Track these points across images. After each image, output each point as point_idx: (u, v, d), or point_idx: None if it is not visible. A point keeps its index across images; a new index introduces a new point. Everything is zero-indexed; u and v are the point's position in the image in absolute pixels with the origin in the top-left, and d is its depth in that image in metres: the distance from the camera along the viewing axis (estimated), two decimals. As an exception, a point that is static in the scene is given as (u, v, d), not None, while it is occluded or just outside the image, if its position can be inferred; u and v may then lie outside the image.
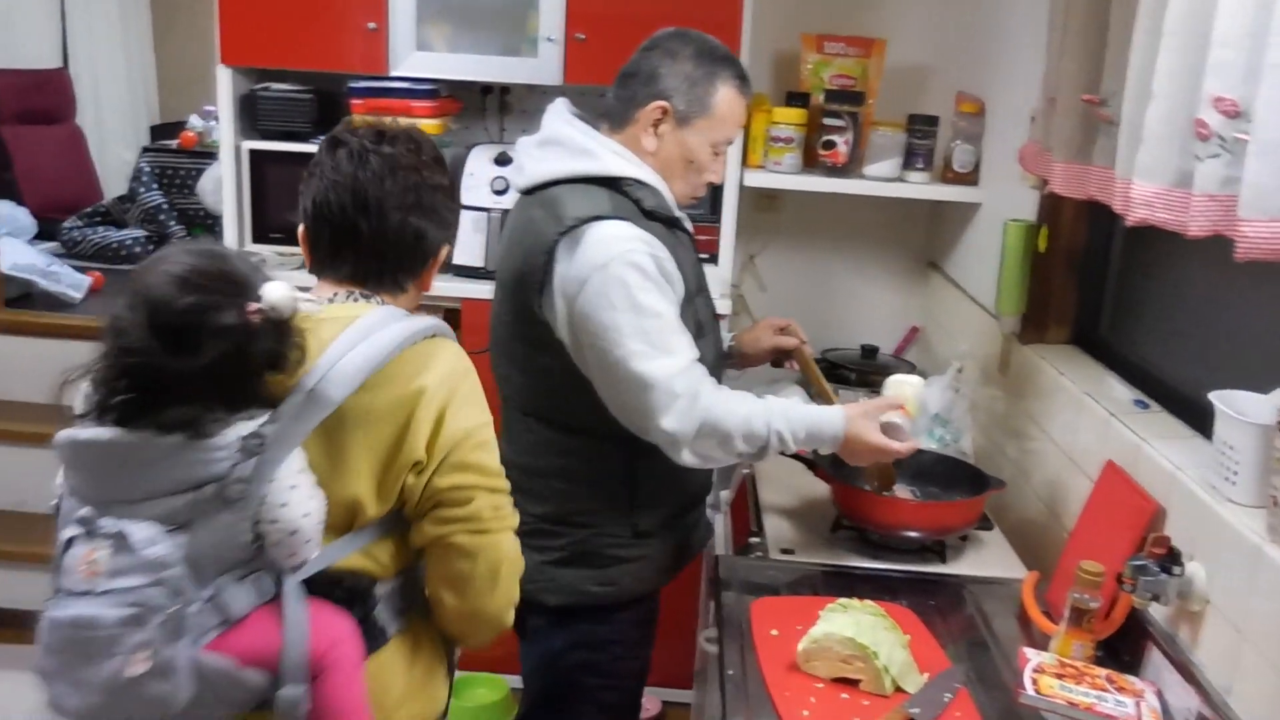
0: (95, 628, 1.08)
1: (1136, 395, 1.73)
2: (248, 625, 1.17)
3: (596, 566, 1.72)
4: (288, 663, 1.16)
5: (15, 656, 2.85)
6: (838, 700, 1.38)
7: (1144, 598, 1.35)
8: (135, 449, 1.12)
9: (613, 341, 1.53)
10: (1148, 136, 1.41)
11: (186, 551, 1.12)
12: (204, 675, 1.13)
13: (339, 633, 1.21)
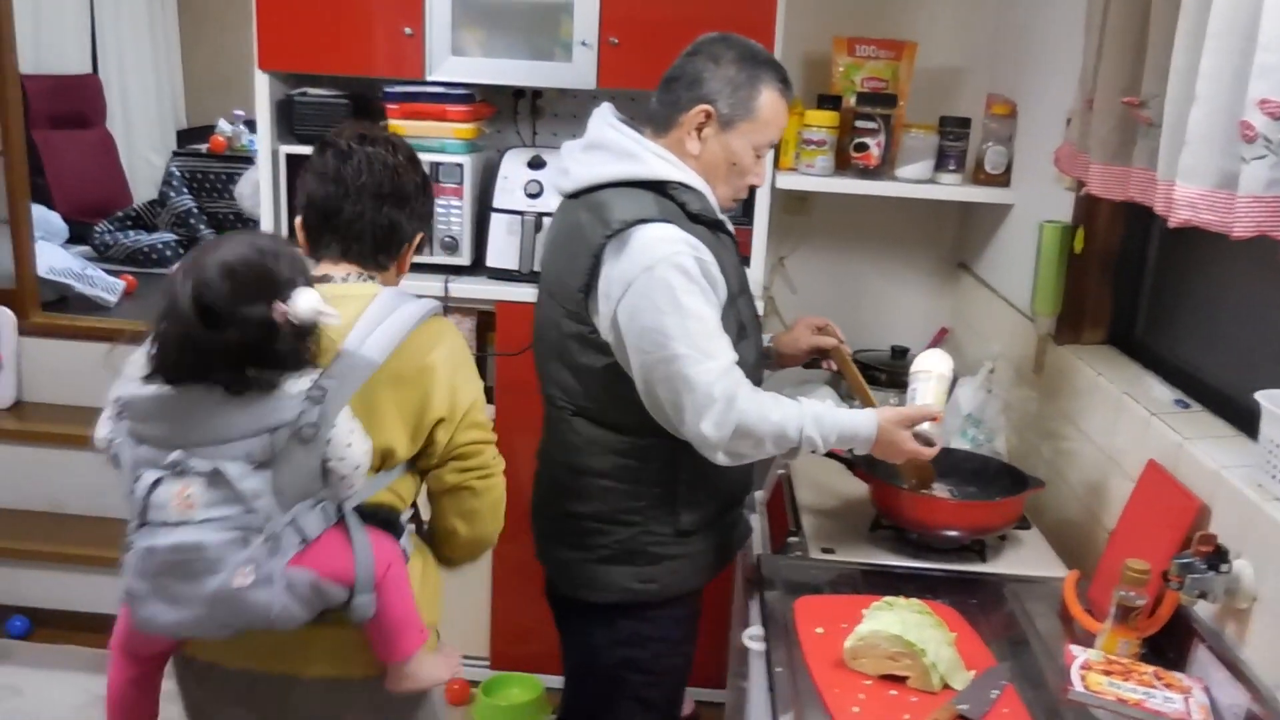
0: (201, 550, 1.27)
1: (1176, 395, 1.74)
2: (320, 545, 1.36)
3: (640, 564, 1.74)
4: (361, 574, 1.39)
5: (57, 656, 2.91)
6: (886, 697, 1.40)
7: (1191, 595, 1.37)
8: (220, 401, 1.30)
9: (655, 343, 1.55)
10: (1191, 138, 1.42)
11: (274, 485, 1.31)
12: (293, 586, 1.33)
13: (393, 552, 1.44)
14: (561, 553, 1.81)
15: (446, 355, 1.49)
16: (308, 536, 1.35)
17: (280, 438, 1.30)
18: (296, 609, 1.35)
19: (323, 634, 1.44)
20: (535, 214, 2.54)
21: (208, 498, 1.29)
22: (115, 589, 3.08)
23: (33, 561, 3.02)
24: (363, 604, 1.40)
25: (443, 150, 2.55)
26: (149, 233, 4.17)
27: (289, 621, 1.36)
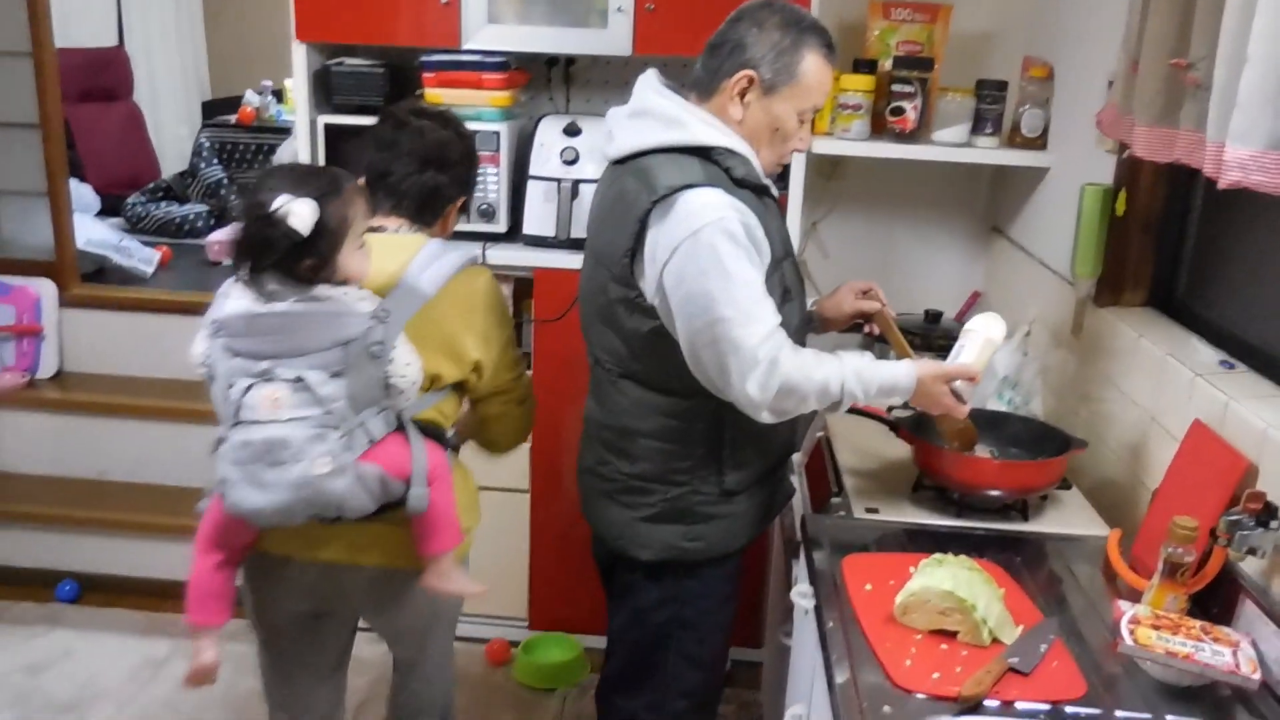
0: (287, 443, 1.51)
1: (1221, 356, 1.76)
2: (384, 445, 1.61)
3: (687, 523, 1.78)
4: (417, 470, 1.62)
5: (106, 619, 2.98)
6: (938, 651, 1.43)
7: (1239, 552, 1.39)
8: (303, 316, 1.55)
9: (701, 307, 1.58)
10: (1243, 100, 1.42)
11: (347, 391, 1.54)
12: (362, 478, 1.57)
13: (440, 456, 1.68)
14: (609, 512, 1.84)
15: (484, 298, 1.75)
16: (374, 437, 1.59)
17: (351, 351, 1.54)
18: (364, 498, 1.59)
19: (378, 530, 1.68)
20: (571, 181, 2.56)
21: (293, 400, 1.52)
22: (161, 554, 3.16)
23: (80, 528, 3.08)
24: (418, 496, 1.62)
25: (479, 118, 2.56)
26: (180, 204, 4.20)
27: (357, 510, 1.60)
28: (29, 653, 2.84)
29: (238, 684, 2.74)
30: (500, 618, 2.92)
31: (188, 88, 5.29)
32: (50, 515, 3.08)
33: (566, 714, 2.68)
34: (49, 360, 3.22)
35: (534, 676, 2.78)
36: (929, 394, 1.69)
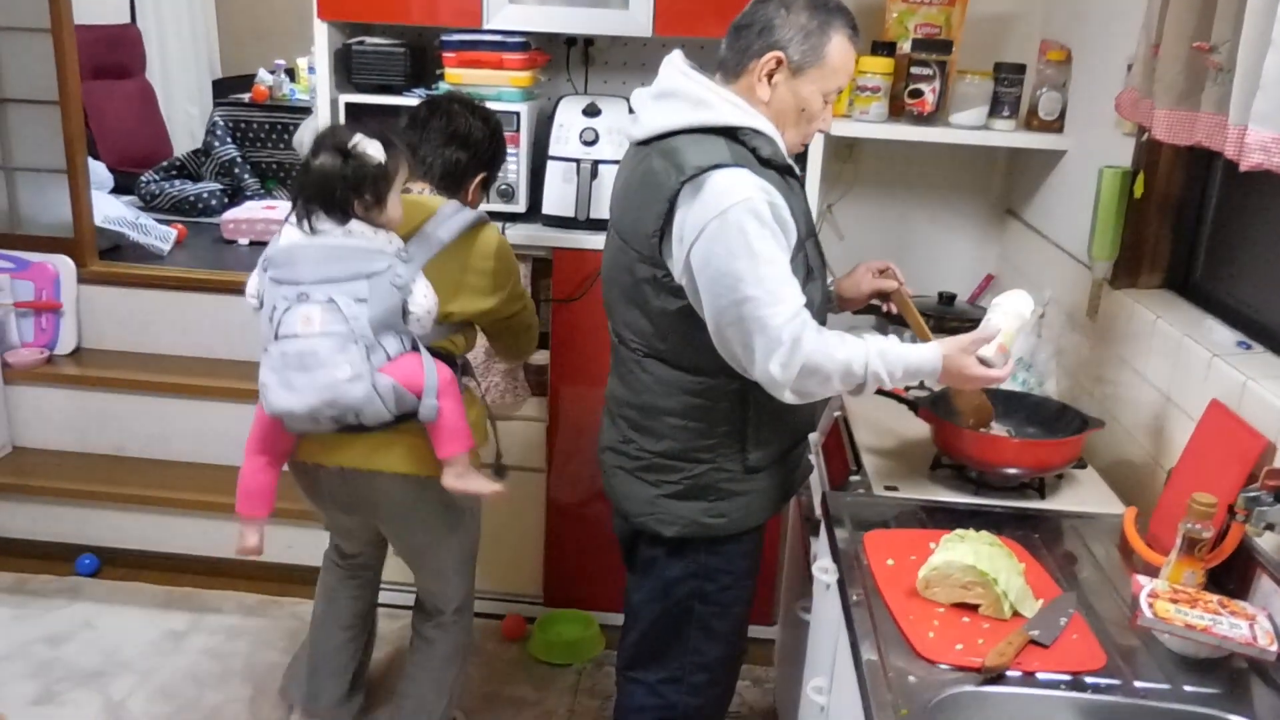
0: (316, 354, 1.82)
1: (1239, 337, 1.78)
2: (399, 362, 1.89)
3: (710, 499, 1.81)
4: (429, 383, 1.91)
5: (126, 593, 3.02)
6: (960, 624, 1.46)
7: (1257, 528, 1.42)
8: (339, 249, 1.86)
9: (728, 286, 1.60)
10: (1266, 83, 1.44)
11: (369, 314, 1.83)
12: (378, 386, 1.85)
13: (450, 373, 1.96)
14: (633, 488, 1.87)
15: (493, 249, 2.05)
16: (390, 354, 1.87)
17: (376, 283, 1.84)
18: (380, 405, 1.86)
19: (399, 439, 1.96)
20: (591, 161, 2.58)
21: (323, 319, 1.83)
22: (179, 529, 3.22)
23: (99, 502, 3.12)
24: (430, 406, 1.90)
25: (499, 99, 2.58)
26: (194, 182, 4.21)
27: (374, 416, 1.87)
28: (49, 624, 2.88)
29: (258, 657, 2.78)
30: (516, 595, 2.95)
31: (198, 66, 5.30)
32: (69, 490, 3.12)
33: (581, 688, 2.72)
34: (68, 336, 3.25)
35: (549, 652, 2.82)
36: (958, 368, 1.70)
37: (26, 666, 2.70)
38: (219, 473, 3.14)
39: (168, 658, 2.76)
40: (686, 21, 2.49)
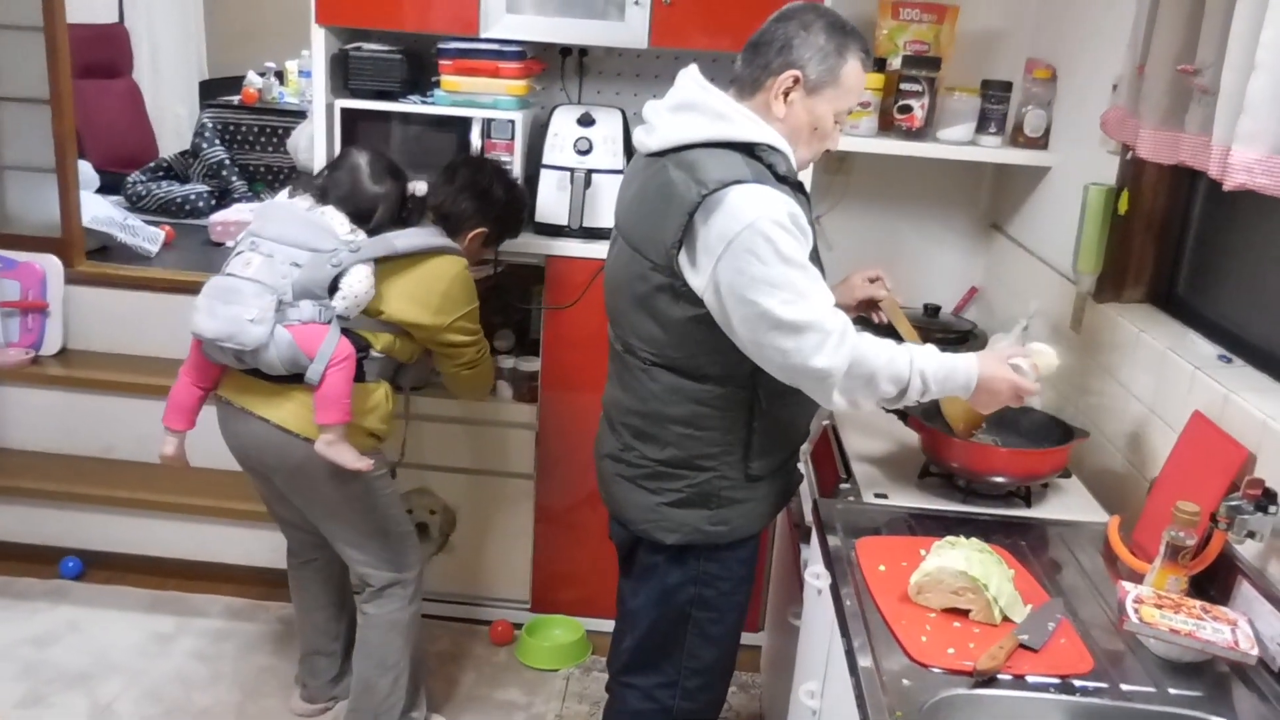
0: (239, 290, 2.08)
1: (1219, 350, 1.83)
2: (307, 327, 2.10)
3: (711, 507, 1.83)
4: (322, 351, 2.11)
5: (111, 595, 3.01)
6: (951, 628, 1.50)
7: (1239, 535, 1.46)
8: (300, 219, 2.15)
9: (763, 293, 1.60)
10: (1249, 105, 1.49)
11: (296, 278, 2.09)
12: (277, 337, 2.08)
13: (346, 352, 2.14)
14: (632, 496, 1.88)
15: (448, 275, 2.25)
16: (302, 318, 2.10)
17: (316, 257, 2.10)
18: (273, 354, 2.08)
19: (292, 397, 2.16)
20: (585, 170, 2.61)
21: (259, 267, 2.10)
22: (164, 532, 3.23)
23: (84, 505, 3.10)
24: (315, 371, 2.10)
25: (495, 106, 2.61)
26: (182, 183, 4.20)
27: (267, 362, 2.09)
28: (35, 626, 2.87)
29: (246, 660, 2.79)
30: (504, 600, 2.97)
31: (187, 67, 5.28)
32: (54, 492, 3.10)
33: (570, 693, 2.74)
34: (54, 337, 3.23)
35: (537, 657, 2.83)
36: (992, 373, 1.71)
37: (12, 669, 2.68)
38: (205, 476, 3.10)
39: (155, 660, 2.76)
40: (682, 34, 2.52)
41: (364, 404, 2.21)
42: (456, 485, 2.89)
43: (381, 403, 2.26)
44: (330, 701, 2.58)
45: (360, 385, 2.20)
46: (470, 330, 2.34)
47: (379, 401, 2.26)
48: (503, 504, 2.90)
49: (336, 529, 2.32)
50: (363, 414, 2.21)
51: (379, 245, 2.18)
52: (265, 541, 3.08)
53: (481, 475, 2.89)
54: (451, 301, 2.26)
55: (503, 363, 2.84)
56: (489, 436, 2.84)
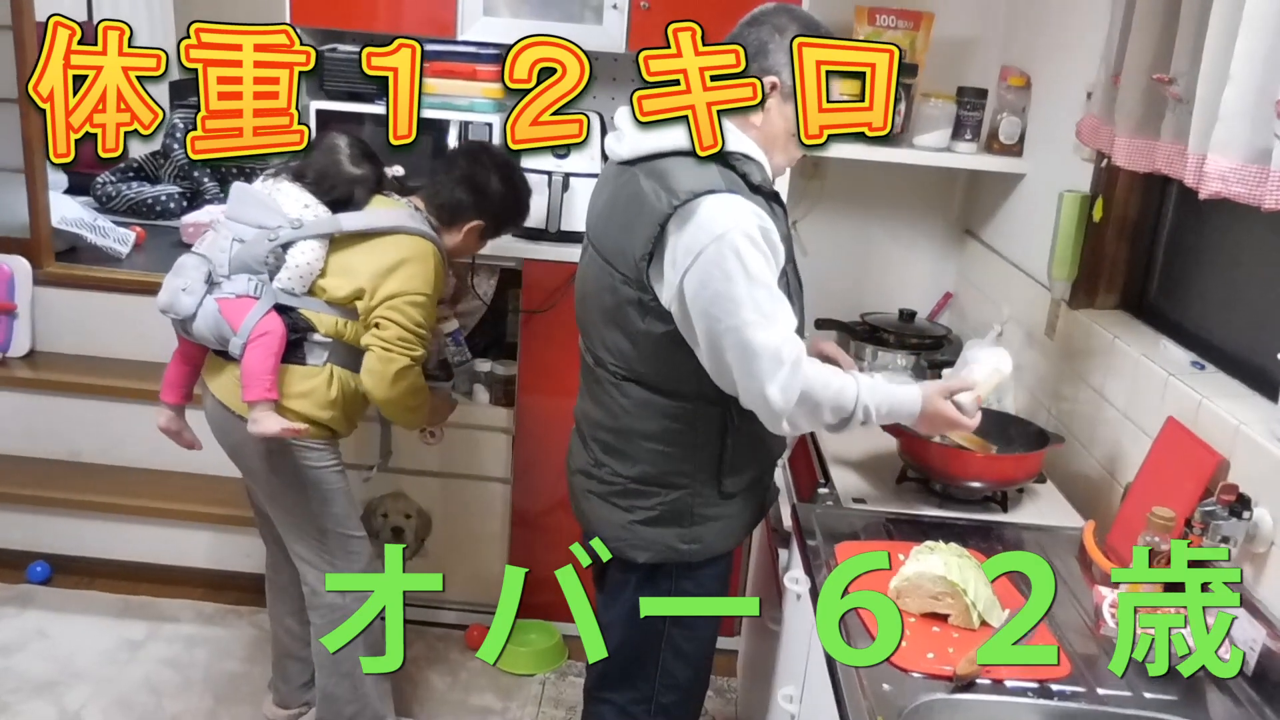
0: (185, 265, 2.14)
1: (1193, 357, 1.85)
2: (236, 301, 2.11)
3: (684, 525, 1.80)
4: (245, 325, 2.10)
5: (80, 600, 2.96)
6: (930, 633, 1.50)
7: (1214, 541, 1.48)
8: (255, 198, 2.17)
9: (726, 310, 1.58)
10: (1225, 115, 1.50)
11: (234, 253, 2.12)
12: (205, 308, 2.11)
13: (269, 326, 2.11)
14: (604, 513, 1.85)
15: (402, 255, 2.15)
16: (235, 291, 2.11)
17: (259, 234, 2.12)
18: (202, 324, 2.12)
19: (230, 370, 2.16)
20: (562, 174, 2.60)
21: (208, 242, 2.17)
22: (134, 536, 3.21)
23: (52, 509, 3.05)
24: (236, 345, 2.11)
25: (471, 109, 2.59)
26: (152, 184, 4.15)
27: (197, 333, 2.14)
28: (0, 633, 2.82)
29: (218, 666, 2.75)
30: (480, 605, 2.95)
31: (155, 67, 5.21)
32: (21, 495, 3.05)
33: (546, 698, 2.73)
34: (21, 339, 3.18)
35: (513, 662, 2.82)
36: (934, 409, 1.73)
37: (-24, 676, 2.64)
38: (175, 479, 3.09)
39: (124, 667, 2.72)
40: (660, 38, 2.51)
41: (295, 386, 2.14)
42: (432, 489, 2.87)
43: (320, 389, 2.16)
44: (303, 707, 2.55)
45: (298, 367, 2.15)
46: (411, 318, 2.14)
47: (316, 387, 2.16)
48: (478, 508, 2.89)
49: (279, 516, 2.28)
50: (292, 396, 2.14)
51: (326, 223, 2.14)
52: (237, 546, 3.05)
53: (457, 479, 2.87)
54: (397, 278, 2.14)
55: (479, 366, 2.83)
56: (465, 440, 2.82)
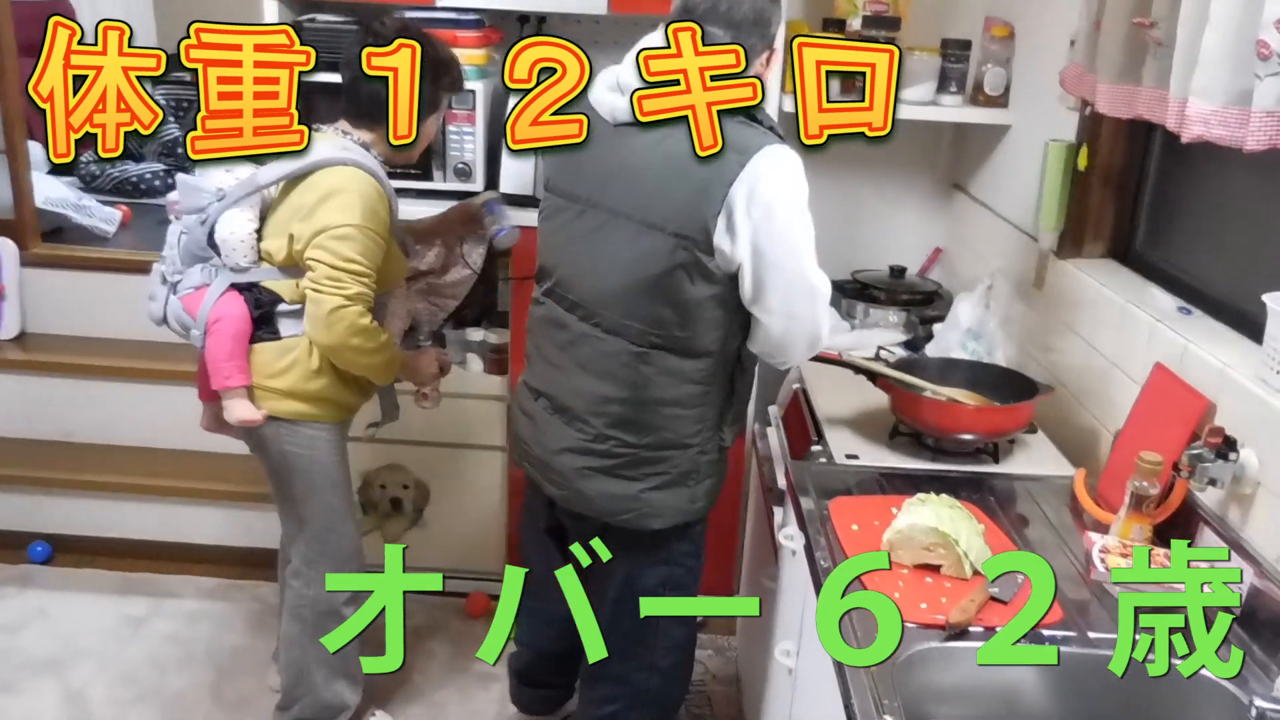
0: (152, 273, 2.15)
1: (1179, 303, 1.86)
2: (195, 294, 2.06)
3: (689, 485, 1.84)
4: (201, 312, 2.05)
5: (80, 579, 2.97)
6: (923, 584, 1.52)
7: (1201, 483, 1.49)
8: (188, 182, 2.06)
9: (795, 256, 1.69)
10: (1204, 59, 1.50)
11: (182, 246, 2.07)
12: (171, 308, 2.10)
13: (223, 312, 2.04)
14: (609, 487, 1.83)
15: (322, 191, 1.96)
16: (193, 284, 2.06)
17: (196, 219, 2.04)
18: (173, 324, 2.11)
19: None
20: (547, 139, 2.58)
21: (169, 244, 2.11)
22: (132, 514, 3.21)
23: (48, 489, 3.06)
24: (195, 336, 2.07)
25: (454, 76, 2.57)
26: (136, 163, 4.12)
27: (178, 333, 2.11)
28: (2, 612, 2.83)
29: (220, 641, 2.77)
30: (479, 573, 2.97)
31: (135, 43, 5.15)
32: (17, 476, 3.05)
33: (547, 661, 2.75)
34: (11, 321, 3.16)
35: (513, 626, 2.84)
36: None
37: (-19, 657, 2.66)
38: (169, 456, 3.10)
39: (127, 644, 2.74)
40: (641, 1, 2.50)
41: (275, 364, 2.05)
42: (428, 459, 2.88)
43: (301, 360, 2.05)
44: None
45: (272, 343, 2.06)
46: (337, 253, 1.93)
47: (297, 359, 2.05)
48: (475, 477, 2.90)
49: (273, 490, 2.23)
50: (274, 374, 2.06)
51: (244, 185, 2.01)
52: (236, 521, 3.06)
53: (453, 449, 2.88)
54: (319, 215, 1.95)
55: (471, 335, 2.82)
56: (459, 409, 2.82)
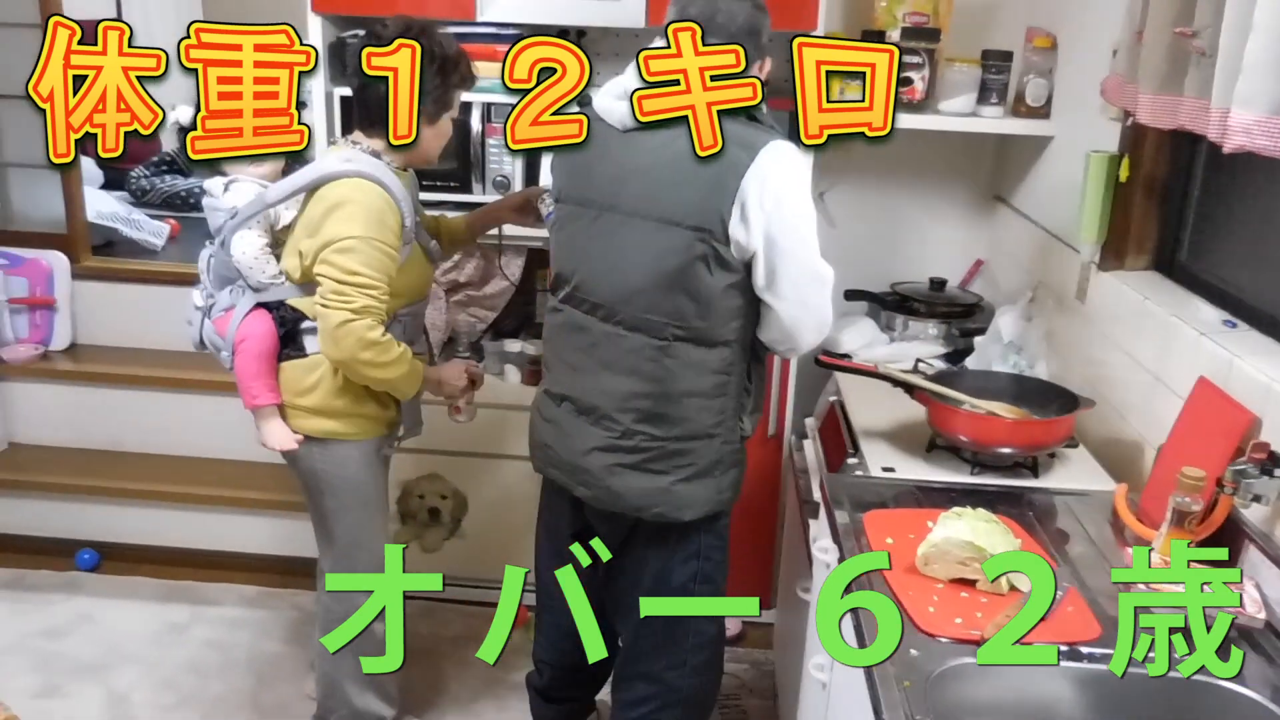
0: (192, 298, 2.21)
1: (1224, 316, 1.82)
2: (225, 315, 2.10)
3: (717, 475, 1.87)
4: (227, 335, 2.08)
5: (126, 586, 3.03)
6: (958, 598, 1.50)
7: (1245, 499, 1.46)
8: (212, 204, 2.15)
9: (804, 244, 1.76)
10: (1248, 67, 1.48)
11: (212, 270, 2.14)
12: (206, 334, 2.15)
13: (248, 331, 2.06)
14: (639, 482, 1.85)
15: (327, 204, 1.94)
16: (224, 306, 2.11)
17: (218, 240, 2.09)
18: (211, 348, 2.15)
19: None
20: (584, 152, 2.59)
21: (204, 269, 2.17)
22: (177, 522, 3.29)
23: (97, 497, 3.13)
24: (224, 357, 2.11)
25: (493, 90, 2.59)
26: (185, 176, 4.21)
27: (215, 357, 2.15)
28: (49, 618, 2.89)
29: (260, 647, 2.81)
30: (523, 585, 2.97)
31: (185, 60, 5.26)
32: (67, 485, 3.13)
33: (582, 672, 2.75)
34: (62, 332, 3.25)
35: (549, 637, 2.84)
36: None
37: (28, 660, 2.71)
38: (213, 466, 3.16)
39: (169, 650, 2.78)
40: (678, 12, 2.50)
41: (301, 382, 2.05)
42: (467, 469, 2.90)
43: (327, 376, 2.04)
44: None
45: (299, 360, 2.06)
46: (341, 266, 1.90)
47: (323, 376, 2.04)
48: (513, 487, 2.91)
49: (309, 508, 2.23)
50: (301, 392, 2.06)
51: (254, 203, 2.03)
52: (277, 530, 3.10)
53: (491, 459, 2.90)
54: (324, 229, 1.93)
55: (509, 346, 2.84)
56: (498, 420, 2.84)
